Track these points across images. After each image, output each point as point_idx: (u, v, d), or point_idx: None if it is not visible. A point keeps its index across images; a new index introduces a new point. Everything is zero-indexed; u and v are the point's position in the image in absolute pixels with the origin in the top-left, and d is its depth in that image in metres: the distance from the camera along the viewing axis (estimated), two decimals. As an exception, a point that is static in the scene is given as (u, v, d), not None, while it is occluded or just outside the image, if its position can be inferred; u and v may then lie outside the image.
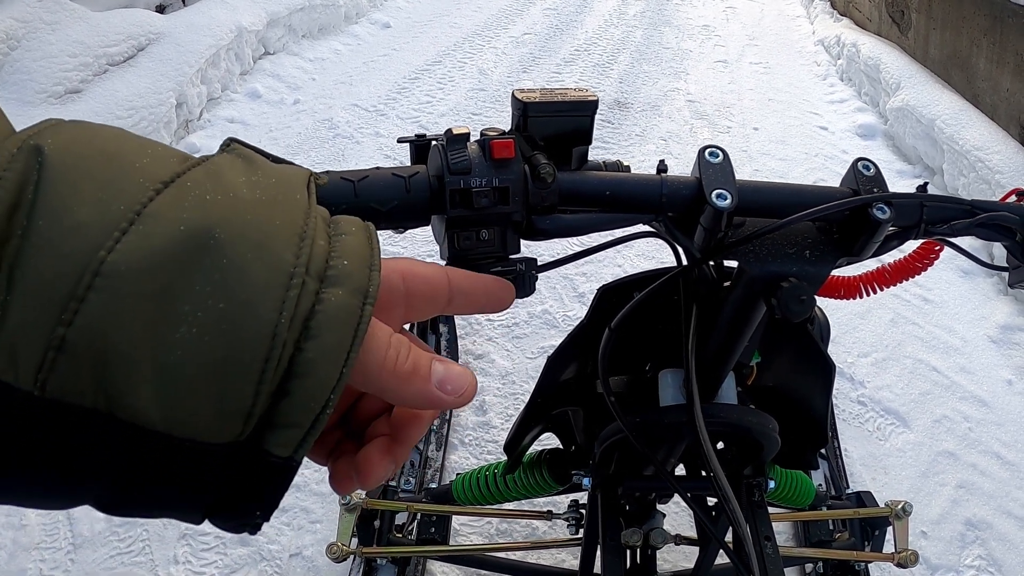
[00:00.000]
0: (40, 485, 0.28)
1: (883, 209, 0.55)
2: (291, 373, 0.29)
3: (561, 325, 2.45)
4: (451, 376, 0.36)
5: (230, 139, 0.36)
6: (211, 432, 0.29)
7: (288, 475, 0.31)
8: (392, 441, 0.39)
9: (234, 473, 0.30)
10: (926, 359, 2.42)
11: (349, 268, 0.32)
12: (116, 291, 0.26)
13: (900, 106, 3.83)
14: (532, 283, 0.49)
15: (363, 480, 0.38)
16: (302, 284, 0.30)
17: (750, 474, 0.90)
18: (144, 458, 0.28)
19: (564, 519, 1.25)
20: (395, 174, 0.48)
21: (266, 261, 0.29)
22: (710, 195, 0.52)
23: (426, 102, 4.12)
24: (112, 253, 0.26)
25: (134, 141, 0.31)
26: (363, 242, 0.34)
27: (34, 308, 0.26)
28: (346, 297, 0.31)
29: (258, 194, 0.31)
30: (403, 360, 0.34)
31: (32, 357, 0.26)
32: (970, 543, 1.85)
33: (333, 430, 0.41)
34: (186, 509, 0.31)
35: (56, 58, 3.19)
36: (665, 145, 3.79)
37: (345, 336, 0.30)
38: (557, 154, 0.53)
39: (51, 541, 1.73)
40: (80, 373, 0.26)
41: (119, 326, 0.26)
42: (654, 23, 5.90)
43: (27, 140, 0.28)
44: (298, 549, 1.74)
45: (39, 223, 0.26)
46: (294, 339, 0.29)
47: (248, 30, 4.19)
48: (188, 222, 0.28)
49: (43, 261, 0.26)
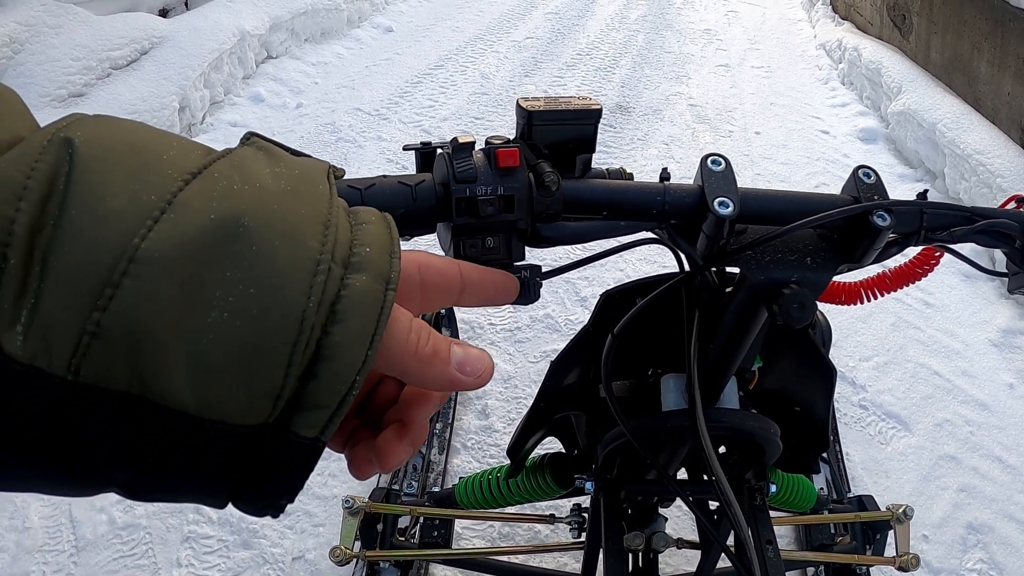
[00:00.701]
0: (69, 470, 0.29)
1: (883, 216, 0.56)
2: (319, 356, 0.30)
3: (563, 329, 2.46)
4: (470, 358, 0.37)
5: (250, 133, 0.37)
6: (241, 414, 0.30)
7: (314, 456, 0.32)
8: (404, 423, 0.40)
9: (261, 455, 0.31)
10: (928, 363, 2.42)
11: (371, 255, 0.33)
12: (150, 277, 0.27)
13: (902, 110, 3.84)
14: (536, 290, 0.50)
15: (383, 463, 0.39)
16: (328, 270, 0.31)
17: (752, 478, 0.91)
18: (175, 441, 0.29)
19: (567, 523, 1.26)
20: (401, 182, 0.49)
21: (293, 248, 0.30)
22: (712, 203, 0.52)
23: (428, 106, 4.13)
24: (145, 240, 0.27)
25: (157, 133, 0.32)
26: (383, 231, 0.35)
27: (68, 295, 0.26)
28: (370, 282, 0.32)
29: (283, 184, 0.32)
30: (424, 343, 0.36)
31: (67, 343, 0.26)
32: (972, 547, 1.86)
33: (351, 418, 0.41)
34: (212, 492, 0.32)
35: (60, 62, 3.20)
36: (667, 149, 3.80)
37: (370, 320, 0.31)
38: (561, 162, 0.54)
39: (54, 544, 1.74)
40: (114, 358, 0.27)
41: (153, 311, 0.27)
42: (656, 27, 5.91)
43: (56, 133, 0.28)
44: (301, 552, 1.74)
45: (72, 212, 0.27)
46: (321, 323, 0.30)
47: (251, 34, 4.20)
48: (217, 211, 0.29)
49: (77, 249, 0.26)
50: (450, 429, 2.01)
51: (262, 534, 1.77)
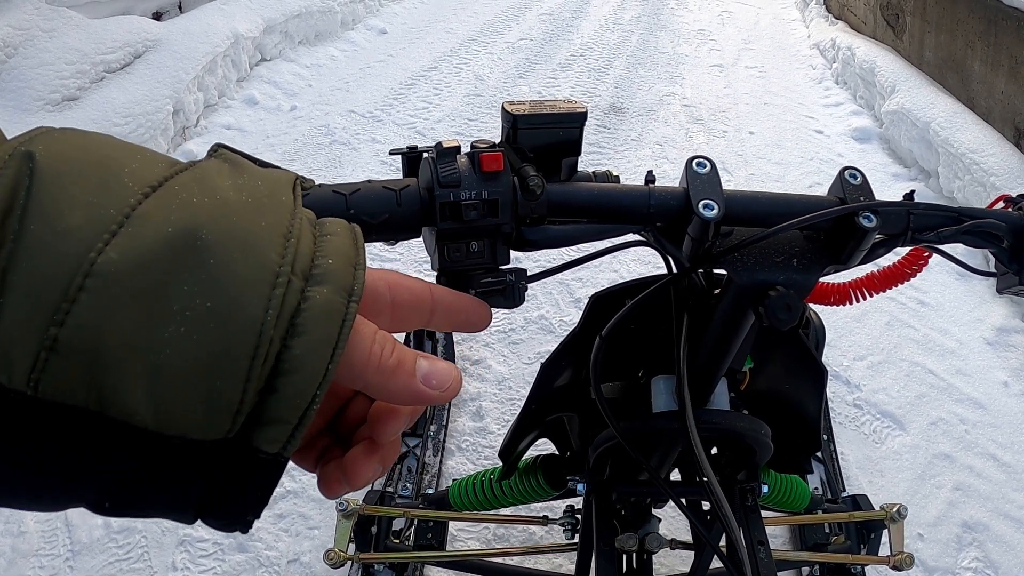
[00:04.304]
0: (33, 487, 0.29)
1: (869, 217, 0.56)
2: (278, 370, 0.30)
3: (557, 331, 2.46)
4: (436, 371, 0.37)
5: (217, 145, 0.37)
6: (201, 429, 0.29)
7: (276, 472, 0.32)
8: (374, 441, 0.40)
9: (224, 471, 0.31)
10: (922, 362, 2.43)
11: (334, 267, 0.32)
12: (107, 291, 0.27)
13: (895, 109, 3.85)
14: (521, 293, 0.50)
15: (351, 481, 0.39)
16: (287, 283, 0.30)
17: (743, 479, 0.91)
18: (135, 457, 0.29)
19: (560, 524, 1.26)
20: (386, 187, 0.49)
21: (252, 260, 0.30)
22: (697, 205, 0.52)
23: (422, 108, 4.13)
24: (102, 255, 0.27)
25: (123, 147, 0.31)
26: (348, 243, 0.34)
27: (27, 309, 0.26)
28: (331, 295, 0.32)
29: (244, 196, 0.32)
30: (388, 355, 0.35)
31: (25, 357, 0.26)
32: (967, 545, 1.86)
33: (320, 437, 0.41)
34: (178, 508, 0.32)
35: (53, 65, 3.19)
36: (661, 150, 3.80)
37: (331, 332, 0.31)
38: (547, 165, 0.54)
39: (50, 548, 1.73)
40: (72, 372, 0.27)
41: (110, 325, 0.27)
42: (649, 28, 5.91)
43: (18, 147, 0.28)
44: (296, 555, 1.74)
45: (31, 227, 0.27)
46: (280, 336, 0.30)
47: (245, 37, 4.20)
48: (175, 224, 0.29)
49: (35, 264, 0.26)
50: (444, 431, 2.01)
51: (257, 537, 1.77)
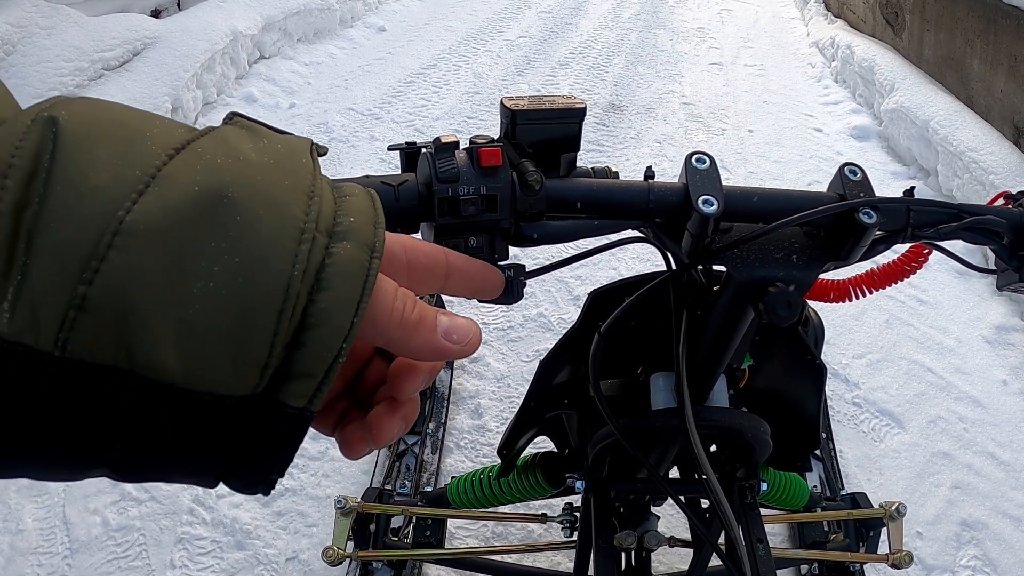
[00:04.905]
0: (61, 451, 0.29)
1: (869, 214, 0.56)
2: (304, 324, 0.31)
3: (556, 328, 2.46)
4: (456, 326, 0.37)
5: (232, 113, 0.37)
6: (229, 385, 0.30)
7: (303, 426, 0.32)
8: (395, 400, 0.40)
9: (251, 427, 0.31)
10: (921, 360, 2.43)
11: (356, 224, 0.33)
12: (136, 249, 0.27)
13: (894, 108, 3.84)
14: (520, 289, 0.50)
15: (376, 438, 0.39)
16: (312, 239, 0.31)
17: (742, 476, 0.91)
18: (164, 415, 0.29)
19: (559, 522, 1.26)
20: (384, 182, 0.49)
21: (277, 218, 0.30)
22: (696, 201, 0.52)
23: (421, 105, 4.12)
24: (130, 213, 0.27)
25: (141, 114, 0.32)
26: (367, 203, 0.35)
27: (55, 269, 0.26)
28: (354, 251, 0.32)
29: (266, 158, 0.33)
30: (410, 310, 0.36)
31: (53, 318, 0.26)
32: (965, 543, 1.86)
33: (339, 400, 0.41)
34: (202, 469, 0.32)
35: (52, 63, 3.19)
36: (660, 147, 3.80)
37: (355, 287, 0.32)
38: (545, 161, 0.54)
39: (48, 546, 1.73)
40: (101, 331, 0.27)
41: (139, 283, 0.27)
42: (648, 26, 5.91)
43: (40, 113, 0.29)
44: (294, 553, 1.74)
45: (56, 189, 0.27)
46: (307, 291, 0.31)
47: (243, 34, 4.19)
48: (202, 183, 0.29)
49: (62, 225, 0.27)
50: (443, 429, 2.01)
51: (256, 535, 1.77)
